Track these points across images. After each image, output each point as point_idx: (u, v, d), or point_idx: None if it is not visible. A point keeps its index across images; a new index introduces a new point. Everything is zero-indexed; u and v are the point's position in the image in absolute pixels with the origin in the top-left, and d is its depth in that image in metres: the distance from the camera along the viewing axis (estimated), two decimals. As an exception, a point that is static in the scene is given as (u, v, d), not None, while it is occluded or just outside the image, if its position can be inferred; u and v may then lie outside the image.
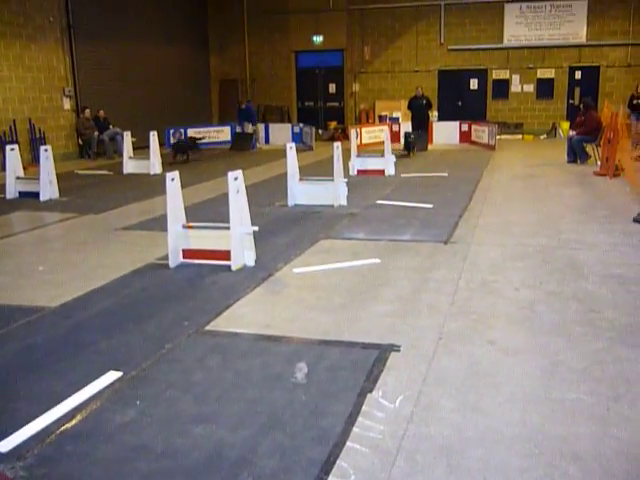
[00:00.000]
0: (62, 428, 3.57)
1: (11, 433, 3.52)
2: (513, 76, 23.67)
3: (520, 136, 22.76)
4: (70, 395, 3.92)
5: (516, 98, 23.80)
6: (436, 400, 3.77)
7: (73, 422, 3.63)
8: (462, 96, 24.19)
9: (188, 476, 3.10)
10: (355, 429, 3.46)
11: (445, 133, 21.33)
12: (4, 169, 11.92)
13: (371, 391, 3.88)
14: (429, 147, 19.42)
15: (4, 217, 9.98)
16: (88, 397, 3.90)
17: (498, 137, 19.45)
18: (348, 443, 3.32)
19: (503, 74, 23.71)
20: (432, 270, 6.46)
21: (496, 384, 3.97)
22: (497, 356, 4.38)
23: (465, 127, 21.39)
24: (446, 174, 13.57)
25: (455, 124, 21.58)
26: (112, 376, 4.17)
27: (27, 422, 3.62)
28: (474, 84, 24.15)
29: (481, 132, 20.30)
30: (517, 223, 8.58)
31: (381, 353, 4.44)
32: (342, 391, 3.91)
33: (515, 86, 23.75)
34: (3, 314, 5.43)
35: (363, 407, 3.69)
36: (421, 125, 19.94)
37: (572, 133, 16.09)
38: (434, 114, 22.54)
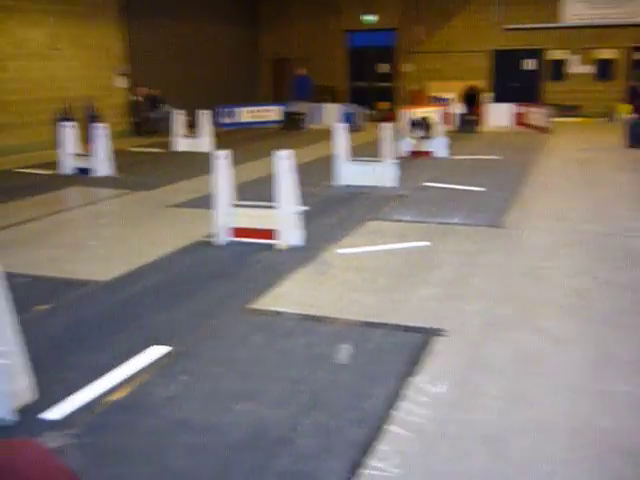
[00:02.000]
0: (109, 399, 3.65)
1: (61, 402, 3.62)
2: (571, 57, 22.95)
3: (576, 119, 22.11)
4: (118, 367, 4.01)
5: (573, 79, 23.07)
6: (481, 387, 3.72)
7: (120, 394, 3.71)
8: (517, 77, 23.59)
9: (229, 452, 3.14)
10: (397, 413, 3.43)
11: (499, 115, 20.86)
12: (61, 145, 12.19)
13: (414, 375, 3.85)
14: (483, 129, 19.06)
15: (60, 192, 10.23)
16: (135, 370, 3.98)
17: (553, 120, 18.94)
18: (389, 426, 3.31)
19: (560, 54, 23.00)
20: (481, 254, 6.35)
21: (543, 373, 3.88)
22: (546, 344, 4.28)
23: (519, 109, 20.87)
24: (499, 157, 13.29)
25: (509, 106, 21.08)
26: (158, 350, 4.25)
27: (76, 392, 3.72)
28: (530, 65, 23.51)
29: (536, 114, 19.77)
30: (571, 209, 8.36)
31: (426, 337, 4.40)
32: (385, 374, 3.89)
33: (573, 67, 23.03)
34: (55, 287, 5.58)
35: (406, 391, 3.66)
36: (472, 109, 19.60)
37: (634, 115, 15.51)
38: (489, 95, 22.07)
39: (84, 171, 11.56)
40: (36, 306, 5.07)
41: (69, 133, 11.94)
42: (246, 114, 21.39)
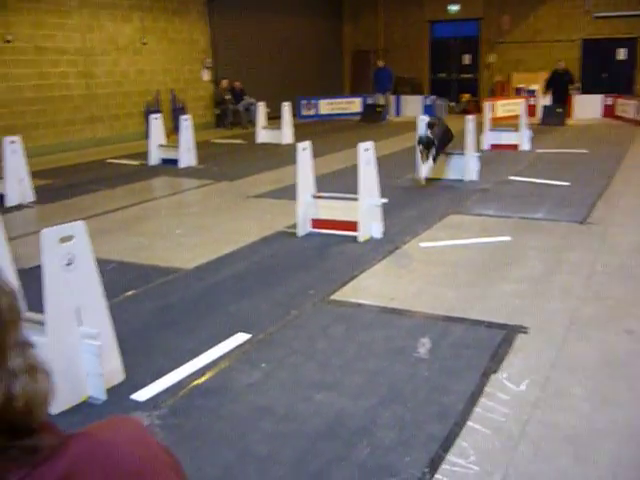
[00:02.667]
0: (193, 383, 3.77)
1: (148, 384, 3.77)
2: (668, 45, 21.81)
3: (672, 111, 21.00)
4: (201, 353, 4.13)
5: (670, 69, 21.95)
6: (565, 387, 3.62)
7: (203, 379, 3.83)
8: (608, 67, 22.63)
9: (309, 440, 3.18)
10: (477, 409, 3.39)
11: (587, 107, 20.09)
12: (148, 137, 12.61)
13: (495, 372, 3.79)
14: (569, 122, 18.43)
15: (146, 182, 10.59)
16: (218, 356, 4.09)
17: (647, 112, 18.08)
18: (469, 423, 3.27)
19: (656, 43, 21.90)
20: (566, 251, 6.16)
21: (632, 375, 3.74)
22: (635, 346, 4.12)
23: (609, 101, 20.05)
24: (586, 150, 12.81)
25: (598, 97, 20.27)
26: (240, 338, 4.35)
27: (162, 375, 3.86)
28: (622, 54, 22.52)
29: (627, 106, 18.94)
30: (664, 205, 7.98)
31: (508, 334, 4.31)
32: (465, 369, 3.84)
33: (669, 56, 21.88)
34: (142, 273, 5.80)
35: (486, 388, 3.61)
36: (561, 98, 18.92)
37: None
38: (576, 86, 21.29)
39: (170, 162, 11.90)
40: (125, 291, 5.28)
41: (156, 125, 12.33)
42: (326, 106, 21.46)
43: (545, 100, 19.25)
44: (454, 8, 23.90)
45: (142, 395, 3.66)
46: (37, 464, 0.76)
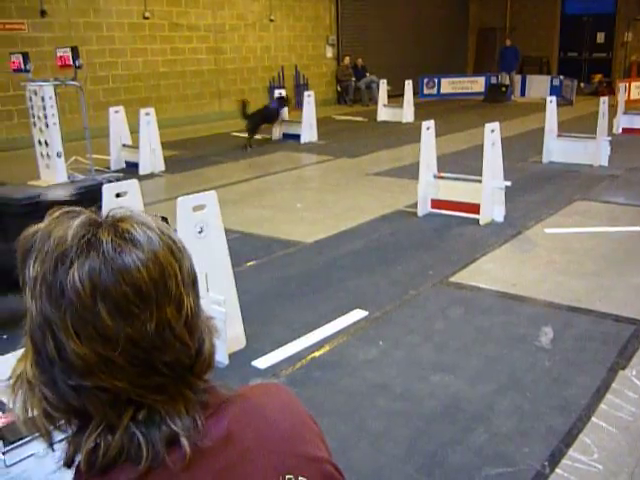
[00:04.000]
0: (311, 355, 3.86)
1: (267, 353, 3.89)
2: None
3: None
4: (320, 326, 4.21)
5: None
6: (701, 390, 3.39)
7: (321, 352, 3.91)
8: None
9: (424, 421, 3.18)
10: (602, 406, 3.25)
11: None
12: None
13: (624, 368, 3.61)
14: None
15: (269, 156, 10.83)
16: (336, 330, 4.16)
17: None
18: (593, 419, 3.15)
19: None
20: None
21: None
22: None
23: None
24: None
25: None
26: (358, 314, 4.39)
27: (281, 345, 3.98)
28: None
29: None
30: None
31: (637, 329, 4.09)
32: (590, 363, 3.69)
33: None
34: (265, 244, 5.96)
35: (613, 384, 3.45)
36: None
37: None
38: None
39: (291, 137, 12.10)
40: (247, 261, 5.46)
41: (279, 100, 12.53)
42: (448, 85, 20.99)
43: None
44: (590, -18, 22.56)
45: (262, 363, 3.79)
46: (206, 418, 0.81)
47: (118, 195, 4.04)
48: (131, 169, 9.26)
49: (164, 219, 3.91)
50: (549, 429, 3.08)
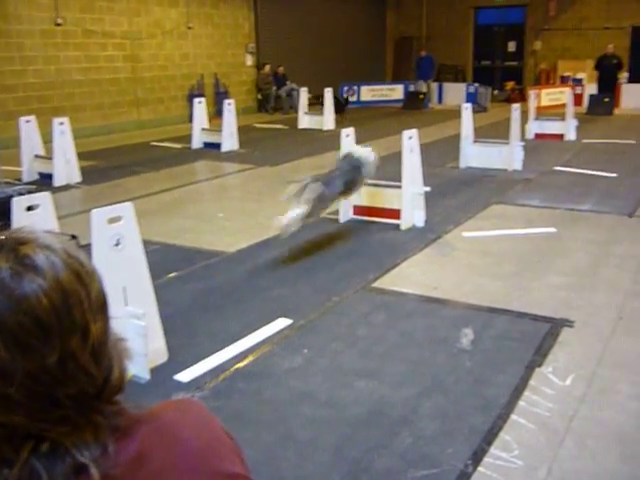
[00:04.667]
0: (235, 366, 3.80)
1: (191, 365, 3.81)
2: None
3: None
4: (243, 336, 4.15)
5: None
6: (612, 383, 3.54)
7: (245, 362, 3.85)
8: (659, 56, 21.97)
9: (350, 427, 3.18)
10: (521, 403, 3.35)
11: (635, 97, 19.53)
12: (191, 120, 12.70)
13: (540, 365, 3.73)
14: (616, 112, 17.96)
15: (189, 166, 10.67)
16: (260, 340, 4.12)
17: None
18: (513, 416, 3.23)
19: None
20: (613, 244, 6.02)
21: (683, 374, 3.64)
22: (685, 343, 4.01)
23: (660, 91, 19.47)
24: (634, 141, 12.49)
25: (648, 87, 19.70)
26: (282, 323, 4.36)
27: (205, 357, 3.90)
28: (675, 43, 21.81)
29: (679, 97, 18.38)
30: None
31: (553, 327, 4.24)
32: (509, 362, 3.79)
33: None
34: (186, 255, 5.85)
35: (531, 381, 3.56)
36: (608, 87, 18.44)
37: None
38: (623, 75, 20.71)
39: (212, 145, 11.97)
40: (168, 273, 5.34)
41: (199, 109, 12.40)
42: (368, 92, 21.31)
43: (592, 89, 18.80)
44: (501, -6, 23.46)
45: (185, 376, 3.70)
46: (116, 442, 0.78)
47: (30, 208, 3.88)
48: (45, 181, 8.92)
49: (73, 237, 3.79)
50: (471, 429, 3.14)
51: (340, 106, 16.11)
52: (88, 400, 0.75)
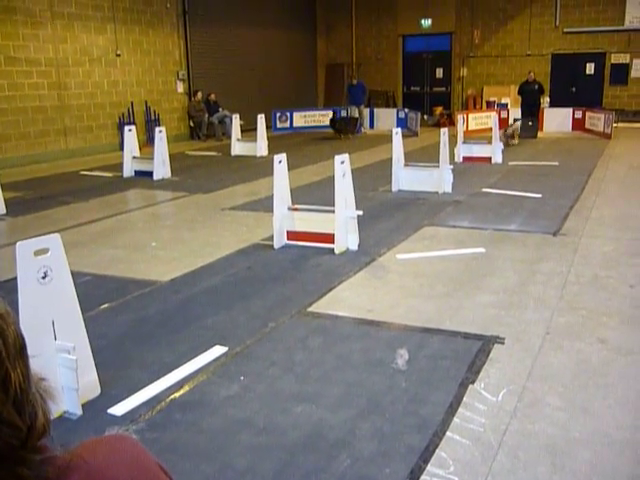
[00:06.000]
0: (171, 397, 3.74)
1: (125, 398, 3.72)
2: (634, 60, 22.33)
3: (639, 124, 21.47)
4: (179, 366, 4.09)
5: (637, 84, 22.46)
6: (541, 397, 3.66)
7: (181, 392, 3.80)
8: (576, 81, 23.08)
9: (288, 453, 3.17)
10: (455, 420, 3.41)
11: (557, 120, 20.45)
12: (122, 149, 12.52)
13: (473, 382, 3.82)
14: (539, 134, 18.73)
15: (120, 194, 10.50)
16: (195, 369, 4.06)
17: (615, 125, 18.46)
18: (448, 433, 3.29)
19: (623, 58, 22.41)
20: (540, 262, 6.24)
21: (607, 385, 3.79)
22: (608, 355, 4.18)
23: (579, 114, 20.43)
24: (557, 163, 13.04)
25: (568, 111, 20.64)
26: (218, 351, 4.32)
27: (139, 389, 3.82)
28: (590, 69, 22.97)
29: (596, 120, 19.32)
30: (634, 216, 8.13)
31: (484, 344, 4.35)
32: (443, 380, 3.87)
33: (636, 71, 22.40)
34: (118, 286, 5.74)
35: (464, 398, 3.63)
36: (531, 111, 19.22)
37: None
38: (545, 100, 21.65)
39: (144, 174, 11.83)
40: (100, 304, 5.22)
41: (130, 137, 12.25)
42: (300, 118, 21.53)
43: (516, 113, 19.54)
44: (427, 22, 24.22)
45: (119, 409, 3.61)
46: None
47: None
48: (-33, 213, 8.62)
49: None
50: (408, 447, 3.18)
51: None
52: (11, 452, 0.72)
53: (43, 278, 3.45)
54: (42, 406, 0.77)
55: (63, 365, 3.52)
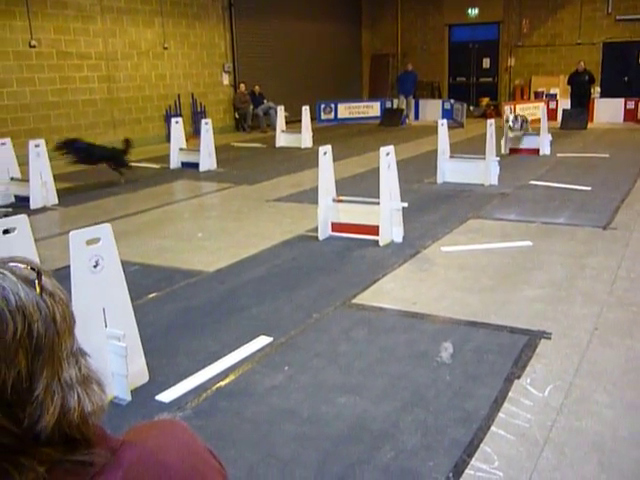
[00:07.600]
0: (217, 385, 3.80)
1: (172, 386, 3.80)
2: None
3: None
4: (224, 355, 4.16)
5: (693, 73, 21.69)
6: (589, 393, 3.60)
7: (227, 381, 3.86)
8: (629, 71, 22.42)
9: (332, 443, 3.19)
10: (501, 415, 3.38)
11: (608, 111, 19.93)
12: (169, 140, 12.71)
13: (519, 377, 3.77)
14: (589, 126, 18.29)
15: (167, 185, 10.67)
16: (240, 359, 4.12)
17: (669, 116, 17.89)
18: (493, 428, 3.26)
19: (680, 46, 21.65)
20: (588, 256, 6.12)
21: (657, 382, 3.71)
22: (660, 352, 4.09)
23: (631, 104, 19.86)
24: (607, 155, 12.72)
25: (620, 101, 20.09)
26: (263, 341, 4.37)
27: (186, 377, 3.90)
28: (644, 58, 22.29)
29: (650, 110, 18.76)
30: (688, 210, 7.89)
31: (530, 339, 4.30)
32: (488, 375, 3.83)
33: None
34: (165, 275, 5.84)
35: (510, 393, 3.60)
36: (581, 102, 18.78)
37: None
38: (596, 90, 21.11)
39: (190, 165, 11.99)
40: (148, 293, 5.33)
41: (177, 129, 12.42)
42: (345, 110, 21.48)
43: (565, 104, 19.13)
44: (473, 12, 23.85)
45: (166, 396, 3.69)
46: (93, 477, 0.77)
47: (6, 231, 3.86)
48: (21, 203, 8.88)
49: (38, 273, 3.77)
50: (452, 441, 3.17)
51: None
52: (7, 451, 0.72)
53: (95, 267, 3.54)
54: (62, 400, 0.75)
55: (113, 352, 3.61)
